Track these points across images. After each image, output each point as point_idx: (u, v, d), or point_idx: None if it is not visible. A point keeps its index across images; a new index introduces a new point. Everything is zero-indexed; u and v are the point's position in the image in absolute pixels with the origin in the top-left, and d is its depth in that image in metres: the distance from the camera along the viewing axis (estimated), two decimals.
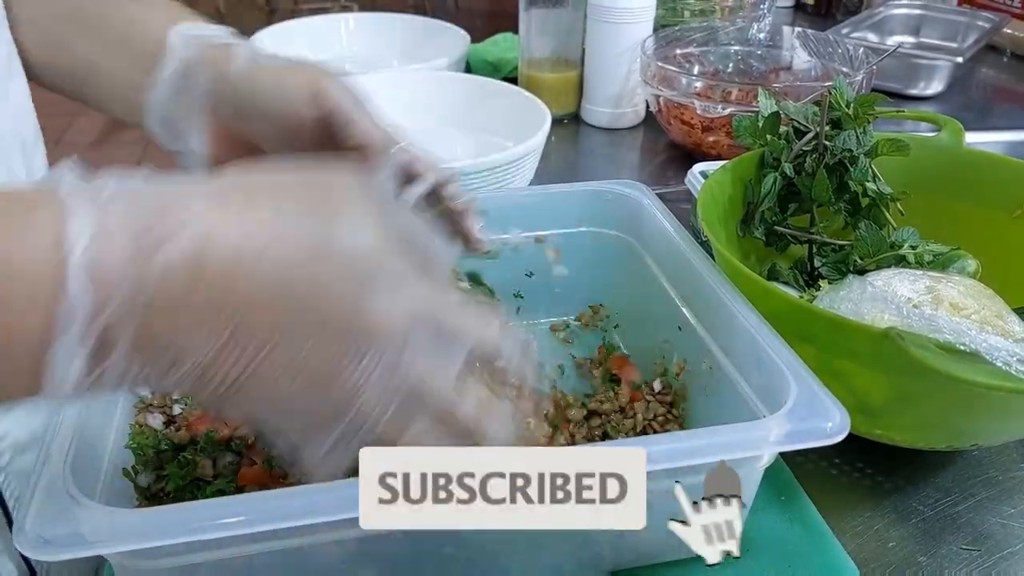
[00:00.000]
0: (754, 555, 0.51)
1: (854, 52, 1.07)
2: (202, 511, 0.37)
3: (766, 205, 0.68)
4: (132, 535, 0.36)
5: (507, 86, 1.06)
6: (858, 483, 0.59)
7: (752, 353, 0.50)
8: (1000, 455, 0.61)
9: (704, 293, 0.56)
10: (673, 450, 0.42)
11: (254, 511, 0.38)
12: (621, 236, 0.68)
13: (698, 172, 0.84)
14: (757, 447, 0.43)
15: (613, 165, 1.09)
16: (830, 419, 0.43)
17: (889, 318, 0.53)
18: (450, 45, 1.25)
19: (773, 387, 0.47)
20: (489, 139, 1.04)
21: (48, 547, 0.35)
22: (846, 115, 0.67)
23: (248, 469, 0.51)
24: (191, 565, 0.41)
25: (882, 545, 0.54)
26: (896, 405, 0.54)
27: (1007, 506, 0.57)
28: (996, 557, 0.53)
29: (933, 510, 0.57)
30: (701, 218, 0.62)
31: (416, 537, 0.44)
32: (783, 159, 0.68)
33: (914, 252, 0.65)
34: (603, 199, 0.67)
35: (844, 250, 0.68)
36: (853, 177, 0.67)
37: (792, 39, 1.16)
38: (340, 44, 1.36)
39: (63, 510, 0.37)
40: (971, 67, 1.36)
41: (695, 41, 1.17)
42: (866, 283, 0.58)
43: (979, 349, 0.47)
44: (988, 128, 1.16)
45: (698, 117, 1.01)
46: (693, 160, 1.01)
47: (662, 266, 0.63)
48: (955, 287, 0.57)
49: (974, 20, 1.37)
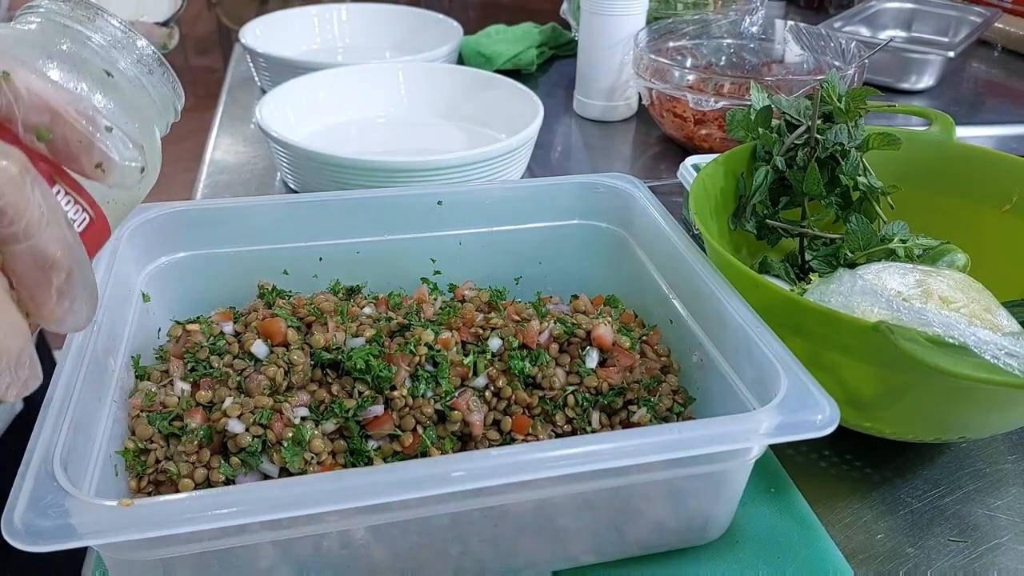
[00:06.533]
0: (744, 546, 0.51)
1: (846, 46, 1.07)
2: (192, 503, 0.37)
3: (758, 198, 0.68)
4: (122, 527, 0.36)
5: (500, 78, 1.06)
6: (847, 475, 0.59)
7: (743, 346, 0.51)
8: (988, 447, 0.62)
9: (695, 286, 0.57)
10: (663, 442, 0.42)
11: (246, 502, 0.38)
12: (613, 229, 0.68)
13: (690, 165, 0.84)
14: (747, 439, 0.43)
15: (605, 158, 1.09)
16: (820, 412, 0.43)
17: (879, 311, 0.54)
18: (443, 37, 1.25)
19: (763, 380, 0.48)
20: (482, 131, 1.04)
21: (38, 539, 0.35)
22: (838, 109, 0.67)
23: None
24: (182, 556, 0.41)
25: (870, 537, 0.54)
26: (885, 398, 0.54)
27: (994, 498, 0.58)
28: (983, 548, 0.54)
29: (921, 502, 0.57)
30: (693, 211, 0.62)
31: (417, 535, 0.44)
32: (775, 152, 0.68)
33: (904, 246, 0.65)
34: (595, 192, 0.67)
35: (835, 244, 0.68)
36: (844, 171, 0.67)
37: (784, 33, 1.16)
38: (333, 35, 1.35)
39: (53, 502, 0.37)
40: (962, 62, 1.37)
41: (688, 34, 1.17)
42: (856, 277, 0.58)
43: (968, 342, 0.47)
44: (979, 122, 1.17)
45: (690, 110, 1.01)
46: (685, 153, 1.02)
47: (654, 259, 0.63)
48: (944, 281, 0.58)
49: (966, 15, 1.37)
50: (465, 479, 0.40)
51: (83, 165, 0.31)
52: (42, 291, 0.30)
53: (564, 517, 0.47)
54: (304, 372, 0.53)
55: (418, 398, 0.52)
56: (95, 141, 0.31)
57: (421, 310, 0.59)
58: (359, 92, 1.07)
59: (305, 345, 0.55)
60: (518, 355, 0.55)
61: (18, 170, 0.28)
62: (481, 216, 0.67)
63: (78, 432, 0.43)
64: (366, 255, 0.65)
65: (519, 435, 0.54)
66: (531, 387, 0.56)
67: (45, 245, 0.29)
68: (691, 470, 0.47)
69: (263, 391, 0.51)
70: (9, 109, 0.29)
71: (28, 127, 0.30)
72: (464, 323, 0.57)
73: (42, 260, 0.29)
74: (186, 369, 0.54)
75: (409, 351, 0.53)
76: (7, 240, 0.29)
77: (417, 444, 0.52)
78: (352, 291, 0.62)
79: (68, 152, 0.31)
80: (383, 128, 1.07)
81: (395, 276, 0.65)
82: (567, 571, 0.50)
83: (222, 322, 0.57)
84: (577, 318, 0.58)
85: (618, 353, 0.56)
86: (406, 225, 0.65)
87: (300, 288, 0.62)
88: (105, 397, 0.49)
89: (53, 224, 0.29)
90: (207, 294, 0.62)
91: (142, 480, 0.49)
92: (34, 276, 0.29)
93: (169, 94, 0.35)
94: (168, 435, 0.51)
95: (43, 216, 0.29)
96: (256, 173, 0.99)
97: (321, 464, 0.50)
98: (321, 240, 0.64)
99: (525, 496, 0.45)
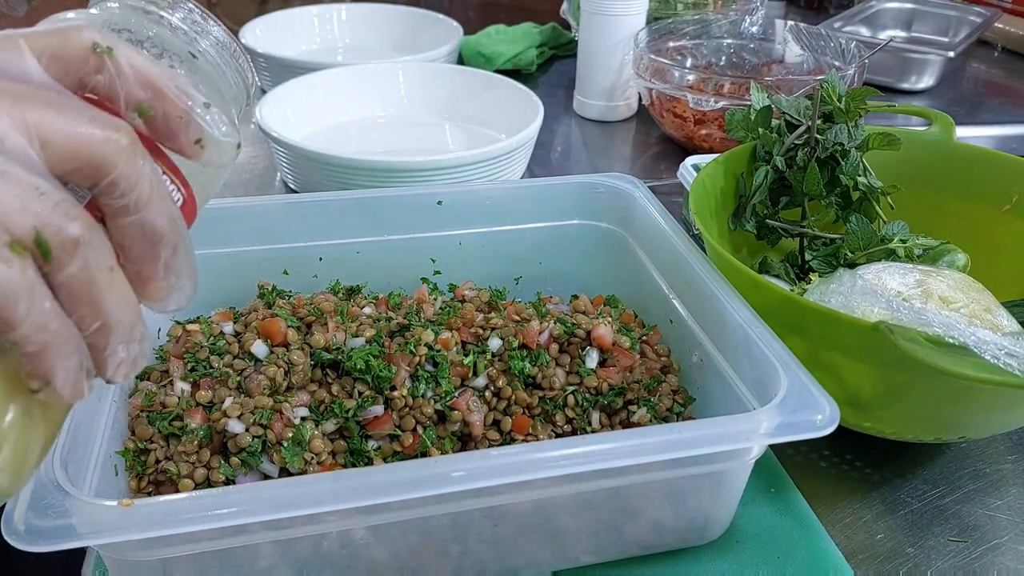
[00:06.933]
0: (744, 546, 0.51)
1: (846, 46, 1.07)
2: (192, 503, 0.37)
3: (758, 198, 0.68)
4: (122, 527, 0.36)
5: (500, 78, 1.06)
6: (847, 475, 0.59)
7: (743, 346, 0.51)
8: (987, 447, 0.62)
9: (695, 286, 0.57)
10: (664, 442, 0.42)
11: (246, 502, 0.38)
12: (613, 229, 0.68)
13: (690, 165, 0.84)
14: (747, 439, 0.43)
15: (605, 158, 1.09)
16: (820, 412, 0.44)
17: (879, 311, 0.53)
18: (443, 37, 1.25)
19: (763, 380, 0.48)
20: (482, 131, 1.04)
21: (38, 539, 0.35)
22: (838, 109, 0.67)
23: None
24: (182, 556, 0.41)
25: (870, 537, 0.54)
26: (885, 398, 0.54)
27: (994, 498, 0.58)
28: (983, 548, 0.54)
29: (921, 502, 0.57)
30: (693, 211, 0.62)
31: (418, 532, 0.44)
32: (775, 153, 0.68)
33: (904, 246, 0.65)
34: (595, 192, 0.67)
35: (835, 244, 0.68)
36: (844, 171, 0.67)
37: (784, 33, 1.16)
38: (333, 35, 1.35)
39: (53, 502, 0.37)
40: (962, 62, 1.37)
41: (688, 34, 1.17)
42: (856, 277, 0.58)
43: (968, 342, 0.47)
44: (979, 123, 1.17)
45: (691, 110, 1.01)
46: (685, 153, 1.02)
47: (654, 259, 0.63)
48: (944, 281, 0.58)
49: (966, 15, 1.37)
50: (465, 479, 0.40)
51: (182, 141, 0.31)
52: (150, 265, 0.29)
53: (564, 517, 0.47)
54: (304, 372, 0.53)
55: (418, 398, 0.52)
56: (195, 116, 0.31)
57: (421, 310, 0.59)
58: (359, 92, 1.07)
59: (305, 345, 0.55)
60: (518, 355, 0.55)
61: (128, 142, 0.28)
62: (481, 216, 0.67)
63: (78, 432, 0.43)
64: (366, 255, 0.65)
65: (519, 435, 0.54)
66: (531, 387, 0.56)
67: (154, 218, 0.29)
68: (691, 470, 0.47)
69: (263, 391, 0.51)
70: (112, 85, 0.29)
71: (130, 103, 0.30)
72: (464, 323, 0.57)
73: (151, 233, 0.29)
74: (186, 369, 0.54)
75: (409, 351, 0.53)
76: (117, 213, 0.28)
77: (417, 444, 0.52)
78: (352, 291, 0.62)
79: (168, 128, 0.30)
80: (383, 128, 1.07)
81: (395, 276, 0.65)
82: (567, 571, 0.50)
83: (222, 322, 0.57)
84: (577, 318, 0.58)
85: (618, 353, 0.56)
86: (406, 225, 0.65)
87: (300, 288, 0.62)
88: (105, 397, 0.49)
89: (161, 198, 0.29)
90: (207, 294, 0.62)
91: (142, 480, 0.49)
92: (143, 249, 0.29)
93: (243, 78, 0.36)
94: (168, 435, 0.51)
95: (153, 189, 0.29)
96: (256, 173, 0.99)
97: (321, 464, 0.50)
98: (321, 240, 0.64)
99: (525, 496, 0.45)
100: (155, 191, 0.29)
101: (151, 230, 0.29)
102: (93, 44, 0.29)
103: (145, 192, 0.28)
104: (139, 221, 0.29)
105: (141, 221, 0.29)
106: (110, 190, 0.28)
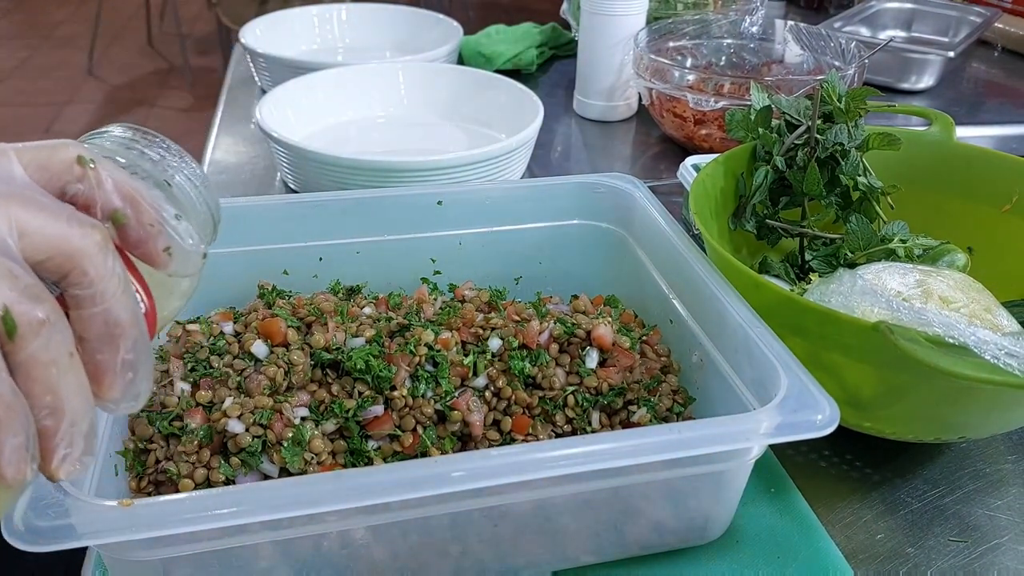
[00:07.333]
0: (744, 546, 0.51)
1: (846, 46, 1.07)
2: (192, 503, 0.37)
3: (758, 198, 0.68)
4: (122, 527, 0.36)
5: (500, 78, 1.06)
6: (847, 475, 0.59)
7: (743, 346, 0.51)
8: (988, 447, 0.62)
9: (695, 286, 0.57)
10: (663, 442, 0.42)
11: (246, 502, 0.38)
12: (613, 229, 0.68)
13: (690, 165, 0.84)
14: (747, 439, 0.43)
15: (605, 158, 1.09)
16: (820, 412, 0.44)
17: (879, 311, 0.53)
18: (443, 37, 1.25)
19: (763, 380, 0.48)
20: (482, 131, 1.04)
21: (38, 539, 0.35)
22: (838, 109, 0.67)
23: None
24: (182, 556, 0.41)
25: (870, 537, 0.54)
26: (885, 398, 0.54)
27: (994, 498, 0.58)
28: (983, 548, 0.54)
29: (921, 502, 0.57)
30: (693, 211, 0.62)
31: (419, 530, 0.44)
32: (775, 152, 0.68)
33: (904, 246, 0.65)
34: (595, 192, 0.67)
35: (835, 244, 0.68)
36: (844, 171, 0.67)
37: (784, 33, 1.16)
38: (333, 35, 1.35)
39: (53, 502, 0.37)
40: (962, 62, 1.37)
41: (688, 34, 1.17)
42: (856, 277, 0.58)
43: (968, 343, 0.47)
44: (979, 123, 1.17)
45: (691, 110, 1.01)
46: (685, 153, 1.02)
47: (654, 259, 0.63)
48: (944, 281, 0.58)
49: (966, 15, 1.37)
50: (465, 479, 0.40)
51: (151, 249, 0.33)
52: (110, 358, 0.31)
53: (564, 517, 0.47)
54: (304, 372, 0.53)
55: (418, 398, 0.52)
56: (166, 227, 0.33)
57: (421, 310, 0.59)
58: (359, 92, 1.07)
59: (305, 345, 0.55)
60: (518, 355, 0.55)
61: (101, 238, 0.30)
62: (481, 216, 0.67)
63: None
64: (366, 255, 0.65)
65: (519, 435, 0.54)
66: (531, 387, 0.56)
67: (119, 311, 0.30)
68: (691, 470, 0.47)
69: (263, 391, 0.51)
70: (91, 193, 0.32)
71: (106, 211, 0.32)
72: (464, 323, 0.57)
73: (114, 324, 0.30)
74: (186, 369, 0.54)
75: (409, 351, 0.53)
76: (83, 303, 0.30)
77: (417, 444, 0.52)
78: (352, 291, 0.62)
79: (140, 235, 0.33)
80: (383, 128, 1.07)
81: (395, 276, 0.65)
82: (567, 571, 0.50)
83: (222, 322, 0.57)
84: (577, 318, 0.58)
85: (618, 353, 0.56)
86: (406, 225, 0.65)
87: (300, 288, 0.62)
88: None
89: (126, 293, 0.31)
90: (207, 294, 0.62)
91: (142, 480, 0.49)
92: (103, 340, 0.30)
93: (212, 214, 0.38)
94: (168, 435, 0.51)
95: (119, 284, 0.31)
96: (256, 173, 0.99)
97: (321, 464, 0.50)
98: (321, 240, 0.64)
99: (525, 496, 0.45)
100: (121, 286, 0.31)
101: (114, 322, 0.30)
102: (78, 157, 0.31)
103: (112, 285, 0.30)
104: (103, 312, 0.30)
105: (105, 312, 0.30)
106: (79, 280, 0.30)
